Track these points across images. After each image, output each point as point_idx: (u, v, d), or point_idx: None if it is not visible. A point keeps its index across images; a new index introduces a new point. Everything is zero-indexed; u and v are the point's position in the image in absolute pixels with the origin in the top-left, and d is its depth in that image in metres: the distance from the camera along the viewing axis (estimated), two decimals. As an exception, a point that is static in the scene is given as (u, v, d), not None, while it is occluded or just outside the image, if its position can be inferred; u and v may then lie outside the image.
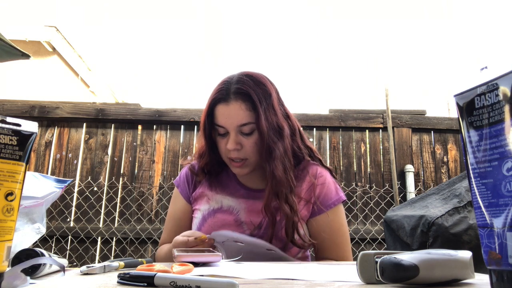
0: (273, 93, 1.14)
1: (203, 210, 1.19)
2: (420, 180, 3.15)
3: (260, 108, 1.07)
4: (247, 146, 1.10)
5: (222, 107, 1.09)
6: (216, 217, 1.16)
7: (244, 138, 1.09)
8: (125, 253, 2.99)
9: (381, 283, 0.54)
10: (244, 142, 1.09)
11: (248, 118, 1.08)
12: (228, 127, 1.09)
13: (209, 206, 1.18)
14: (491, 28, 16.81)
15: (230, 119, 1.08)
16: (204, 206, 1.19)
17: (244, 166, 1.12)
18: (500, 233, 0.42)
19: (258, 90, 1.10)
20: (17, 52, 2.75)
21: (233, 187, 1.21)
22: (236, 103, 1.08)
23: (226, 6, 24.06)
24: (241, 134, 1.09)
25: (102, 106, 3.27)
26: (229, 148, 1.08)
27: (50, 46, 6.15)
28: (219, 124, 1.10)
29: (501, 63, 0.44)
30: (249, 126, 1.08)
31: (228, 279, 0.49)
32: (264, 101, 1.09)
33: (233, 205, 1.17)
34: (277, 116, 1.11)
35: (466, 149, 0.47)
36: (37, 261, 0.60)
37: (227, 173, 1.25)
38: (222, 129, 1.10)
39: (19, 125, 0.52)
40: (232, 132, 1.09)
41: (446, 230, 1.63)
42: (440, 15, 15.79)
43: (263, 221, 1.11)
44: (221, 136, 1.12)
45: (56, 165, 3.15)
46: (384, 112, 3.23)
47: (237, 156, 1.10)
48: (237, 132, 1.09)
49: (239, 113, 1.07)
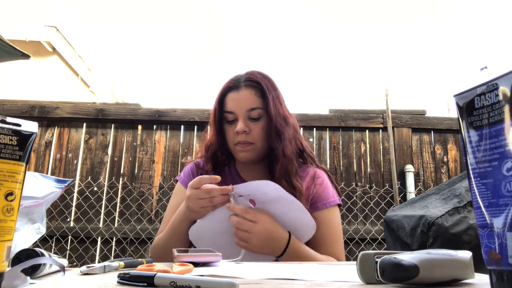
0: (279, 89, 1.23)
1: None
2: (420, 180, 3.15)
3: (268, 95, 1.16)
4: (255, 131, 1.15)
5: (232, 94, 1.17)
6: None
7: (252, 123, 1.16)
8: (125, 253, 2.99)
9: (381, 283, 0.54)
10: (252, 126, 1.15)
11: (257, 104, 1.16)
12: (237, 112, 1.15)
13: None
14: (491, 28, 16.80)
15: (240, 104, 1.15)
16: None
17: (250, 150, 1.16)
18: (500, 233, 0.42)
19: (267, 81, 1.19)
20: (17, 52, 2.75)
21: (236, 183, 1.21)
22: (246, 90, 1.17)
23: (226, 6, 24.05)
24: (250, 120, 1.16)
25: (102, 106, 3.27)
26: (238, 129, 1.14)
27: (50, 46, 6.15)
28: (229, 110, 1.17)
29: (501, 63, 0.44)
30: (257, 111, 1.16)
31: (228, 279, 0.49)
32: (273, 91, 1.18)
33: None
34: (282, 108, 1.20)
35: (466, 149, 0.47)
36: (37, 261, 0.60)
37: (230, 171, 1.27)
38: (231, 115, 1.17)
39: (19, 125, 0.52)
40: (241, 117, 1.15)
41: (446, 230, 1.63)
42: (440, 15, 15.78)
43: None
44: (229, 124, 1.18)
45: (56, 165, 3.15)
46: (384, 112, 3.23)
47: (244, 140, 1.15)
48: (245, 117, 1.15)
49: (248, 98, 1.16)
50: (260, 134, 1.16)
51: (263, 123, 1.16)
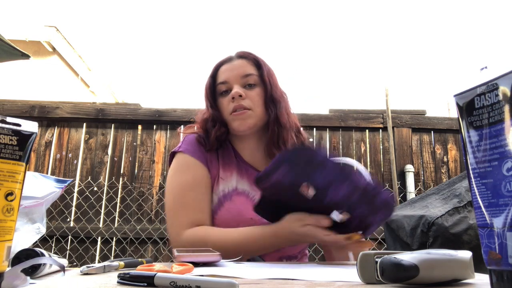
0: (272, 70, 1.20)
1: (218, 192, 1.08)
2: (420, 180, 3.15)
3: (263, 66, 1.15)
4: (250, 96, 1.11)
5: (226, 65, 1.16)
6: (233, 200, 1.07)
7: (247, 90, 1.12)
8: (125, 253, 2.99)
9: (381, 283, 0.54)
10: (248, 93, 1.11)
11: (252, 70, 1.14)
12: (231, 80, 1.12)
13: (223, 187, 1.09)
14: (491, 28, 16.79)
15: (234, 72, 1.13)
16: (218, 187, 1.09)
17: (246, 117, 1.09)
18: (500, 233, 0.42)
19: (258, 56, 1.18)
20: (17, 52, 2.75)
21: (241, 165, 1.14)
22: (239, 60, 1.15)
23: (226, 5, 24.06)
24: (245, 87, 1.12)
25: (102, 106, 3.27)
26: (233, 93, 1.09)
27: (50, 46, 6.15)
28: (222, 80, 1.14)
29: (501, 63, 0.44)
30: (253, 77, 1.13)
31: (228, 279, 0.49)
32: (267, 65, 1.17)
33: (247, 189, 1.10)
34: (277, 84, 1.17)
35: (466, 149, 0.47)
36: (37, 261, 0.60)
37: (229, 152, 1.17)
38: (224, 86, 1.13)
39: (19, 125, 0.52)
40: (235, 84, 1.11)
41: (446, 230, 1.63)
42: (440, 15, 15.77)
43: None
44: (223, 95, 1.13)
45: (56, 165, 3.15)
46: (384, 112, 3.23)
47: (240, 104, 1.09)
48: (240, 84, 1.12)
49: (242, 66, 1.14)
50: (256, 99, 1.11)
51: (258, 90, 1.13)
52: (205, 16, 24.77)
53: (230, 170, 1.12)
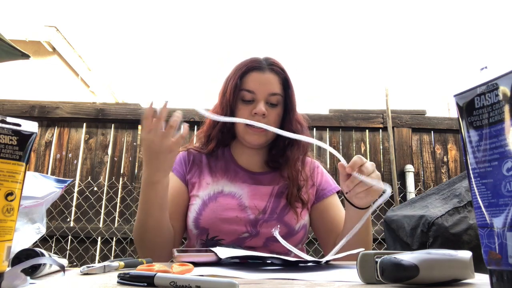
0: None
1: (202, 195, 1.14)
2: (420, 180, 3.15)
3: (290, 87, 1.17)
4: (271, 117, 1.13)
5: (256, 73, 1.15)
6: (218, 201, 1.11)
7: (269, 108, 1.14)
8: (125, 253, 2.99)
9: (381, 283, 0.54)
10: (269, 111, 1.13)
11: (279, 90, 1.15)
12: (258, 94, 1.13)
13: (208, 191, 1.14)
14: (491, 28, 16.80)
15: (264, 86, 1.13)
16: (203, 192, 1.14)
17: (263, 135, 1.13)
18: (500, 233, 0.42)
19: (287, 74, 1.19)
20: (17, 52, 2.75)
21: (233, 169, 1.19)
22: (270, 74, 1.15)
23: (226, 6, 24.07)
24: (267, 103, 1.13)
25: (102, 106, 3.27)
26: (258, 111, 1.10)
27: (50, 46, 6.15)
28: (249, 89, 1.13)
29: (501, 63, 0.44)
30: (277, 97, 1.14)
31: (228, 279, 0.49)
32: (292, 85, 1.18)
33: (234, 190, 1.15)
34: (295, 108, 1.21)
35: (466, 149, 0.47)
36: (37, 261, 0.60)
37: (223, 156, 1.22)
38: (250, 95, 1.13)
39: (19, 125, 0.52)
40: (261, 99, 1.12)
41: (446, 230, 1.63)
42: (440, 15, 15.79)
43: (268, 205, 1.12)
44: (244, 103, 1.14)
45: (56, 165, 3.15)
46: (384, 112, 3.23)
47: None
48: (265, 100, 1.13)
49: (272, 82, 1.14)
50: (276, 121, 1.14)
51: (279, 110, 1.15)
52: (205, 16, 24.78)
53: (220, 175, 1.18)
